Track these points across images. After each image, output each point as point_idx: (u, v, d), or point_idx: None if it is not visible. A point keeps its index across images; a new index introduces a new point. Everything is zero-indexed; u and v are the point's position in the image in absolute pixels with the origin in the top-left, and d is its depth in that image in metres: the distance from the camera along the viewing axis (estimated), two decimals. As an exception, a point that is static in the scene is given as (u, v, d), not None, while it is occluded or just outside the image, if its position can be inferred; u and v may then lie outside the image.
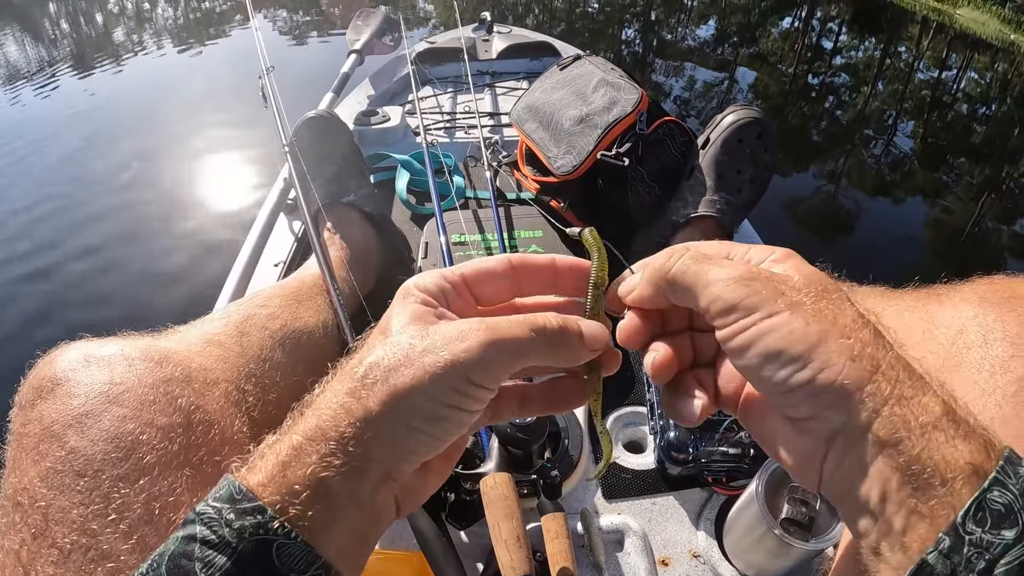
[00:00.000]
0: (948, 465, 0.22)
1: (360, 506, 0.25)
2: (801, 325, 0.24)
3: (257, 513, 0.23)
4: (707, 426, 0.66)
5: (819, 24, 6.90)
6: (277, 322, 0.60)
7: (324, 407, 0.25)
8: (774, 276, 0.26)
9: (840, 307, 0.25)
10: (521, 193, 1.12)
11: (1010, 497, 0.21)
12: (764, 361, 0.24)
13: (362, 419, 0.24)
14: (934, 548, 0.21)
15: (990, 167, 3.52)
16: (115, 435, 0.36)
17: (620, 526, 0.63)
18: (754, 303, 0.24)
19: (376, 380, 0.25)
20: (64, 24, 6.21)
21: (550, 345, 0.27)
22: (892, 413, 0.22)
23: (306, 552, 0.23)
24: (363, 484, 0.25)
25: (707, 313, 0.26)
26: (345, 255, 0.79)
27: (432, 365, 0.24)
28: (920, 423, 0.22)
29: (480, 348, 0.25)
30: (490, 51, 1.68)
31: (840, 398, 0.23)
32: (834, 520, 0.53)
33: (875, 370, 0.23)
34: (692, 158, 0.89)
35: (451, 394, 0.25)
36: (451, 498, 0.59)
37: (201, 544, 0.22)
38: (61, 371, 0.39)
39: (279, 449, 0.25)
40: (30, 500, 0.35)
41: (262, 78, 1.05)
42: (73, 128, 3.18)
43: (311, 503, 0.23)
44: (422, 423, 0.25)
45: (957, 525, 0.21)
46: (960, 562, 0.21)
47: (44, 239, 2.31)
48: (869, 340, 0.24)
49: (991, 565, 0.20)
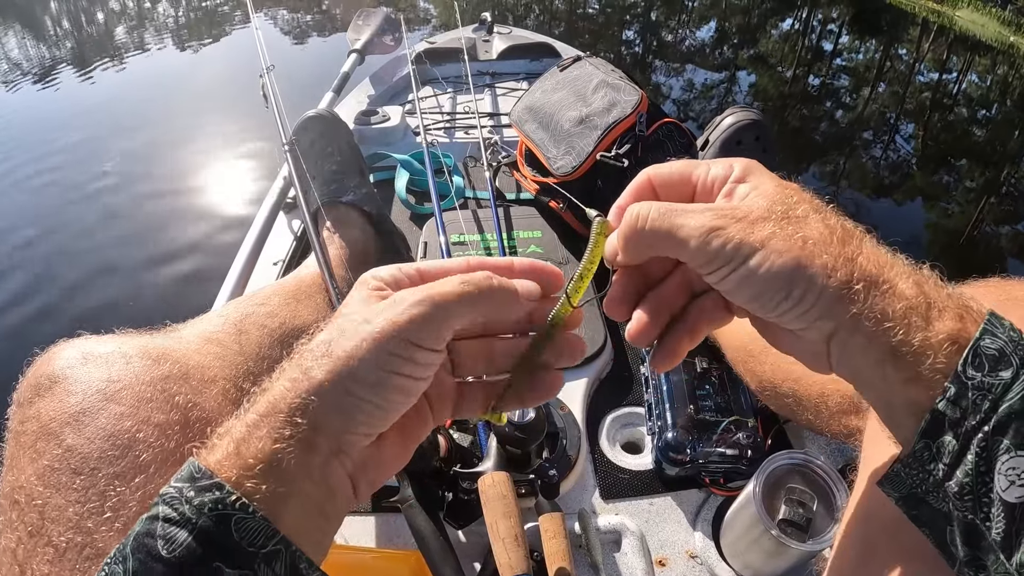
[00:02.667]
0: (929, 343, 0.24)
1: (312, 479, 0.25)
2: (777, 259, 0.26)
3: (215, 489, 0.23)
4: (705, 427, 0.66)
5: (819, 26, 6.90)
6: (276, 320, 0.60)
7: (276, 385, 0.26)
8: (740, 213, 0.27)
9: (806, 224, 0.27)
10: (520, 194, 1.12)
11: (1000, 342, 0.24)
12: (752, 299, 0.27)
13: (307, 391, 0.25)
14: (942, 397, 0.24)
15: (990, 170, 3.52)
16: (112, 433, 0.36)
17: (618, 526, 0.63)
18: (731, 251, 0.26)
19: (321, 354, 0.26)
20: (65, 23, 6.21)
21: (482, 296, 0.28)
22: (872, 309, 0.25)
23: (264, 526, 0.23)
24: (313, 457, 0.25)
25: (690, 265, 0.28)
26: (344, 254, 0.79)
27: (369, 332, 0.26)
28: (899, 310, 0.25)
29: (412, 307, 0.26)
30: (490, 51, 1.68)
31: (827, 308, 0.26)
32: (831, 521, 0.53)
33: (850, 276, 0.25)
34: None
35: (391, 359, 0.25)
36: (449, 497, 0.59)
37: (163, 522, 0.23)
38: (59, 369, 0.39)
39: (234, 429, 0.25)
40: (27, 498, 0.35)
41: (263, 77, 1.05)
42: (73, 126, 3.18)
43: (265, 477, 0.24)
44: (366, 392, 0.25)
45: (959, 372, 0.24)
46: (967, 406, 0.23)
47: (43, 237, 2.32)
48: (839, 249, 0.26)
49: (995, 404, 0.23)
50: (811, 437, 0.73)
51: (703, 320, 0.31)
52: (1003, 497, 0.22)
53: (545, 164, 1.00)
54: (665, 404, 0.69)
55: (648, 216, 0.28)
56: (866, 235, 0.28)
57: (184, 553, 0.22)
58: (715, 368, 0.72)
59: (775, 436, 0.71)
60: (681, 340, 0.31)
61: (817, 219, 0.27)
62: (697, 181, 0.30)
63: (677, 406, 0.68)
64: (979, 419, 0.23)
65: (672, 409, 0.68)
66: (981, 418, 0.23)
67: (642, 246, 0.29)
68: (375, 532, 0.63)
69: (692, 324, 0.31)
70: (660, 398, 0.70)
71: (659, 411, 0.69)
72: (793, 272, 0.25)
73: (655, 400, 0.71)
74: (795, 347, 0.29)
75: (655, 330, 0.31)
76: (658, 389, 0.71)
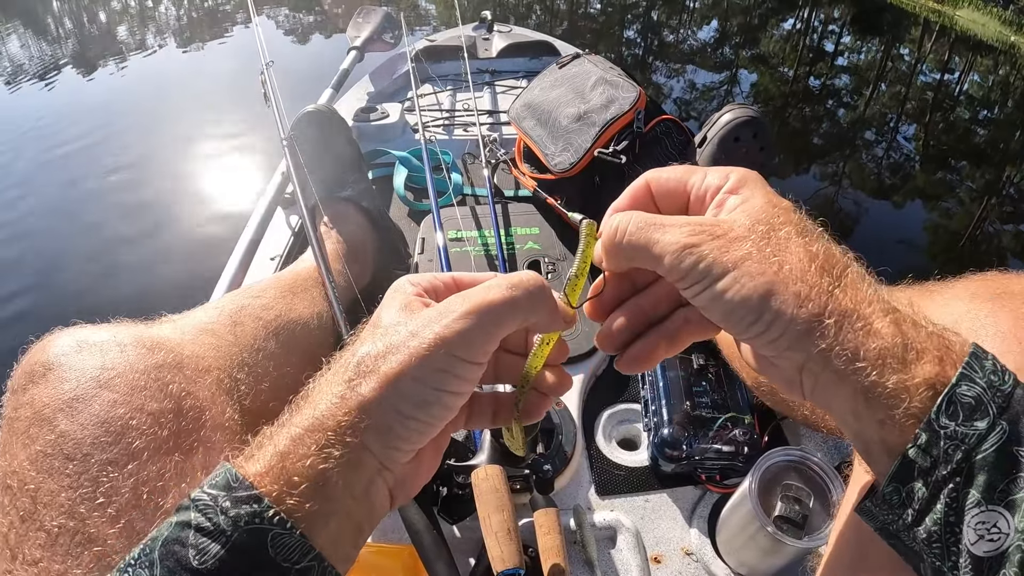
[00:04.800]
0: (904, 386, 0.23)
1: (356, 498, 0.25)
2: (749, 283, 0.25)
3: (253, 502, 0.23)
4: (701, 424, 0.66)
5: (820, 26, 6.89)
6: (271, 313, 0.60)
7: (320, 399, 0.25)
8: (719, 230, 0.27)
9: (787, 247, 0.26)
10: (519, 191, 1.12)
11: (978, 389, 0.23)
12: (723, 319, 0.27)
13: (357, 408, 0.24)
14: (913, 444, 0.23)
15: (991, 171, 3.52)
16: (105, 420, 0.36)
17: (613, 523, 0.63)
18: (704, 269, 0.26)
19: (369, 370, 0.25)
20: (68, 22, 6.22)
21: (530, 301, 0.27)
22: (844, 346, 0.24)
23: (301, 543, 0.23)
24: (360, 475, 0.25)
25: (667, 279, 0.28)
26: (341, 249, 0.79)
27: (418, 348, 0.25)
28: (872, 349, 0.24)
29: (461, 319, 0.25)
30: (490, 50, 1.68)
31: (796, 340, 0.25)
32: (827, 518, 0.53)
33: (823, 309, 0.24)
34: (689, 156, 0.89)
35: (439, 376, 0.25)
36: (443, 492, 0.59)
37: (195, 531, 0.22)
38: (53, 356, 0.40)
39: (277, 440, 0.25)
40: (19, 483, 0.35)
41: (263, 73, 1.05)
42: (74, 123, 3.18)
43: (310, 496, 0.23)
44: (413, 410, 0.25)
45: (931, 420, 0.23)
46: (938, 455, 0.23)
47: (42, 229, 2.32)
48: (817, 279, 0.25)
49: (968, 455, 0.22)
50: (808, 434, 0.72)
51: (686, 331, 0.30)
52: (971, 550, 0.22)
53: (543, 161, 1.00)
54: (661, 400, 0.69)
55: (627, 229, 0.28)
56: (852, 264, 0.27)
57: (216, 565, 0.22)
58: (712, 364, 0.72)
59: (771, 433, 0.71)
60: (657, 347, 0.30)
61: (799, 243, 0.26)
62: (691, 189, 0.30)
63: (673, 402, 0.68)
64: (950, 469, 0.22)
65: (668, 405, 0.68)
66: (953, 469, 0.22)
67: (621, 258, 0.29)
68: (370, 526, 0.63)
69: (673, 333, 0.30)
70: (656, 394, 0.70)
71: (655, 407, 0.69)
72: (763, 298, 0.25)
73: (651, 396, 0.71)
74: (770, 372, 0.28)
75: (625, 336, 0.30)
76: (654, 385, 0.71)
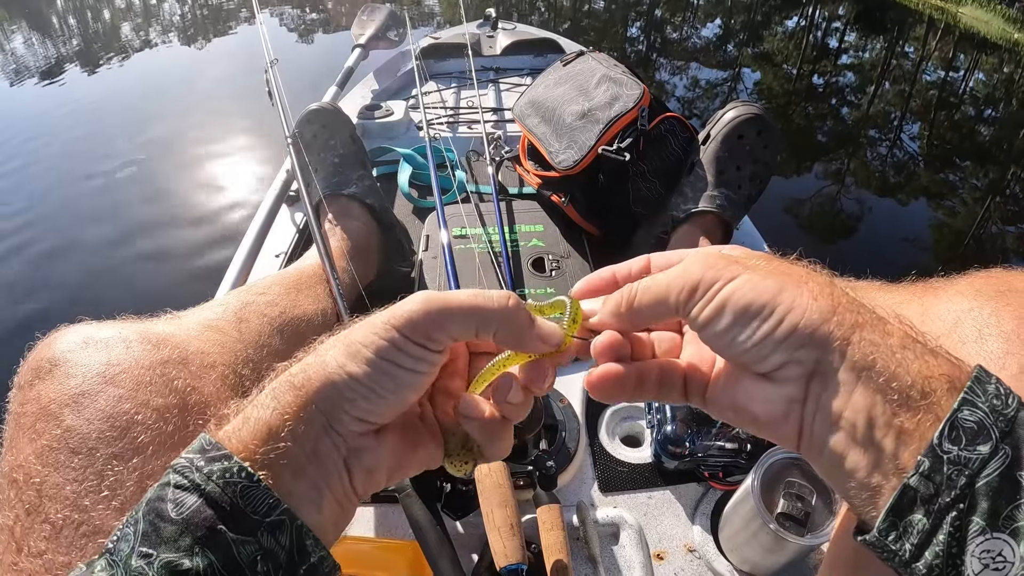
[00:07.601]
0: (925, 378, 0.23)
1: (307, 454, 0.26)
2: (760, 280, 0.25)
3: (224, 459, 0.24)
4: (704, 421, 0.66)
5: (824, 23, 6.87)
6: (276, 309, 0.60)
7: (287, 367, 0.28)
8: (724, 253, 0.28)
9: (790, 264, 0.28)
10: (523, 188, 1.12)
11: (980, 413, 0.22)
12: (734, 322, 0.25)
13: (307, 364, 0.27)
14: (915, 471, 0.22)
15: (996, 170, 3.50)
16: (110, 415, 0.37)
17: (616, 519, 0.63)
18: (714, 275, 0.26)
19: (336, 338, 0.28)
20: (72, 20, 6.23)
21: (505, 318, 0.28)
22: (861, 339, 0.24)
23: (267, 495, 0.24)
24: (308, 430, 0.26)
25: (677, 307, 0.27)
26: (346, 246, 0.79)
27: (375, 319, 0.27)
28: (889, 344, 0.23)
29: (418, 304, 0.27)
30: (494, 47, 1.68)
31: (810, 336, 0.24)
32: (829, 516, 0.53)
33: (836, 306, 0.25)
34: (693, 154, 0.89)
35: (383, 346, 0.26)
36: (447, 488, 0.59)
37: (174, 488, 0.24)
38: (60, 352, 0.40)
39: (244, 404, 0.27)
40: (25, 477, 0.35)
41: (267, 71, 1.05)
42: (78, 120, 3.20)
43: (262, 442, 0.25)
44: (356, 366, 0.26)
45: (934, 446, 0.22)
46: (941, 481, 0.22)
47: (47, 227, 2.33)
48: (825, 283, 0.26)
49: (971, 480, 0.21)
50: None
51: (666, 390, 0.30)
52: None
53: (547, 158, 1.00)
54: (664, 397, 0.68)
55: (635, 288, 0.29)
56: (863, 307, 0.26)
57: (191, 514, 0.23)
58: (715, 362, 0.72)
59: (775, 430, 0.70)
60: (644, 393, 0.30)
61: (799, 264, 0.28)
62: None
63: (677, 399, 0.68)
64: (954, 496, 0.22)
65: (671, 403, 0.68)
66: (956, 495, 0.22)
67: (638, 321, 0.29)
68: (373, 522, 0.64)
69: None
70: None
71: (659, 404, 0.69)
72: (777, 290, 0.25)
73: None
74: (764, 404, 0.27)
75: (625, 393, 0.29)
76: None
